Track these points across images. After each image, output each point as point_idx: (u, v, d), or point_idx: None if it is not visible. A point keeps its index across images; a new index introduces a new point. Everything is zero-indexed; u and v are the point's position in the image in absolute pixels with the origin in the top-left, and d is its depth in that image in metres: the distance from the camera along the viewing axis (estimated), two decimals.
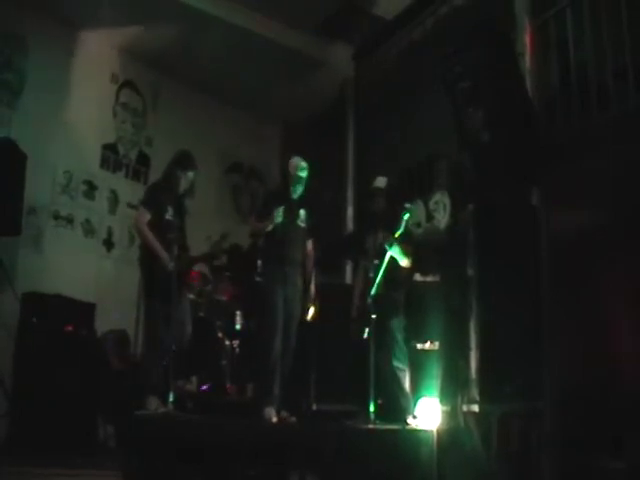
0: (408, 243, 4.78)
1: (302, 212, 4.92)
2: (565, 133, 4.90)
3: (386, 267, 4.61)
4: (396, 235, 4.64)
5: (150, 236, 4.78)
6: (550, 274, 4.50)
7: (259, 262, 5.48)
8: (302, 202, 4.95)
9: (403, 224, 4.67)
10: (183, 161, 5.03)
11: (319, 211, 5.19)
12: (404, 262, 4.77)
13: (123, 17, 6.74)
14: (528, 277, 4.33)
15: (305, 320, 4.89)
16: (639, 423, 3.92)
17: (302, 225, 4.90)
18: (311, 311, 4.91)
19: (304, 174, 4.91)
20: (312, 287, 4.96)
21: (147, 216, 4.83)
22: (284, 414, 4.65)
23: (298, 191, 4.90)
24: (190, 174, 4.97)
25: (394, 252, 4.65)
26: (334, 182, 7.58)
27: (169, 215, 4.87)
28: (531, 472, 4.10)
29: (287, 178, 4.93)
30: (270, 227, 4.76)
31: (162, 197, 4.93)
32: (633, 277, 4.27)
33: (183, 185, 4.98)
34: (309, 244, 5.01)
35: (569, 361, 4.41)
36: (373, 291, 4.55)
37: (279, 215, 4.72)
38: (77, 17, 6.73)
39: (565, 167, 4.67)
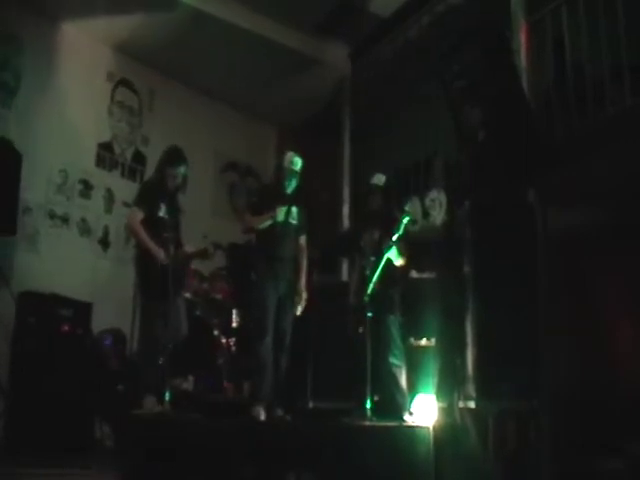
0: (404, 242, 4.78)
1: (294, 209, 4.87)
2: (561, 131, 4.91)
3: (383, 265, 4.61)
4: (395, 239, 4.64)
5: (144, 235, 4.76)
6: (547, 272, 4.50)
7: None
8: (295, 198, 4.92)
9: (402, 227, 4.67)
10: (172, 157, 5.00)
11: (311, 208, 5.16)
12: (399, 262, 4.76)
13: (119, 16, 6.72)
14: (525, 275, 4.34)
15: (296, 315, 4.82)
16: (637, 423, 3.93)
17: (293, 222, 4.86)
18: (301, 306, 4.85)
19: (298, 168, 4.90)
20: (302, 282, 4.89)
21: (140, 215, 4.81)
22: (279, 412, 4.64)
23: (292, 185, 4.89)
24: (181, 169, 4.94)
25: (391, 254, 4.65)
26: (330, 180, 7.58)
27: (162, 213, 4.85)
28: (527, 469, 4.11)
29: (281, 172, 4.93)
30: (268, 223, 4.75)
31: (154, 195, 4.90)
32: (630, 276, 4.29)
33: (175, 181, 4.95)
34: (302, 240, 4.98)
35: (566, 359, 4.42)
36: (369, 289, 4.55)
37: (281, 214, 4.74)
38: (73, 16, 6.71)
39: (561, 165, 4.68)
